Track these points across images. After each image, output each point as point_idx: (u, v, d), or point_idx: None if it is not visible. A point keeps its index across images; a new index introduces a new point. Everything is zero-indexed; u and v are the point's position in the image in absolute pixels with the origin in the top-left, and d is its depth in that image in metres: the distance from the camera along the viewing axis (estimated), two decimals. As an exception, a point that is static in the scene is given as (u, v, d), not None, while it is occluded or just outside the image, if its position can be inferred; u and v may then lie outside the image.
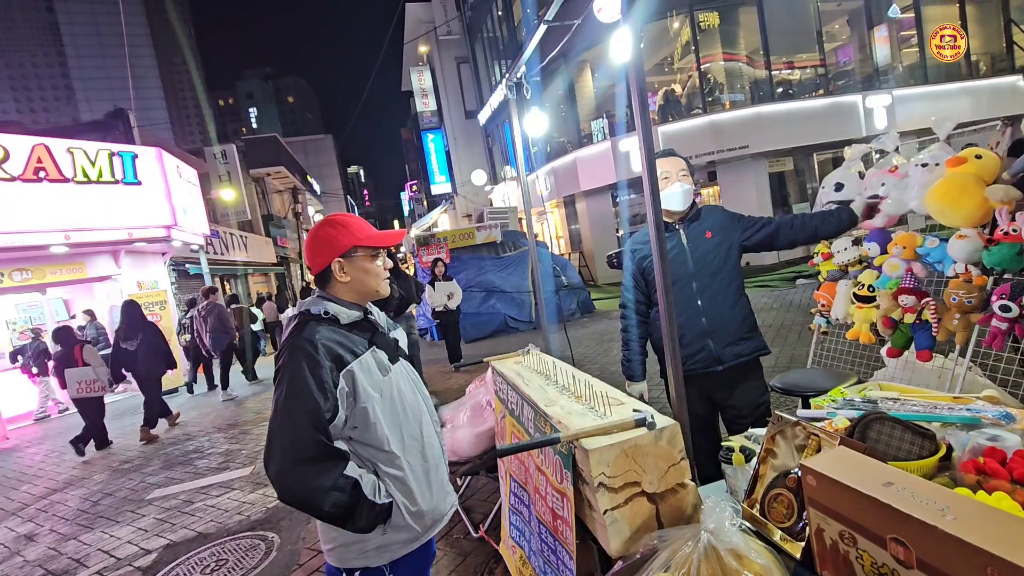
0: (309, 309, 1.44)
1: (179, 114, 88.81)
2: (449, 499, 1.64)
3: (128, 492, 4.80)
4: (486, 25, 19.78)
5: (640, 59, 1.46)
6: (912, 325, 2.33)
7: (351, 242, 1.48)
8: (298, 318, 1.45)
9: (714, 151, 12.68)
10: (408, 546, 1.48)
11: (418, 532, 1.48)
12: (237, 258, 16.28)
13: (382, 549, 1.44)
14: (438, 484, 1.57)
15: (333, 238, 1.48)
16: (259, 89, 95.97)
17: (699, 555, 1.01)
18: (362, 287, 1.51)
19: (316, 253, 1.49)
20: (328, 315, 1.43)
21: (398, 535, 1.45)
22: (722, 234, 2.26)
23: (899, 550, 0.80)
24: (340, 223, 1.51)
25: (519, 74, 3.03)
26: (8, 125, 13.99)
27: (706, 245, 2.26)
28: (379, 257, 1.54)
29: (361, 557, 1.44)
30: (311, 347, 1.34)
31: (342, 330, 1.43)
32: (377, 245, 1.52)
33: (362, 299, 1.53)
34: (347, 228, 1.49)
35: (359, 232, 1.49)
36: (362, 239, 1.49)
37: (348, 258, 1.48)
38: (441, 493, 1.59)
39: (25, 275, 8.85)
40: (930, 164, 2.25)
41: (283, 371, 1.35)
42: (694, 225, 2.30)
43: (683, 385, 1.47)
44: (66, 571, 3.48)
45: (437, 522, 1.57)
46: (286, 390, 1.32)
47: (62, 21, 79.75)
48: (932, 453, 1.09)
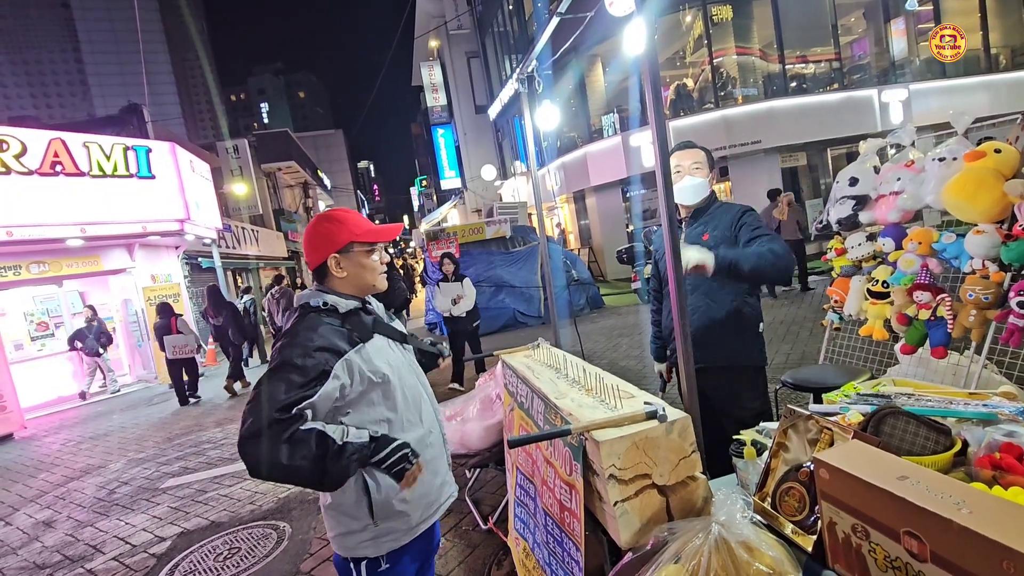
0: (308, 302, 1.46)
1: (192, 109, 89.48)
2: (447, 489, 1.64)
3: (143, 481, 4.89)
4: (496, 19, 19.71)
5: (654, 53, 1.45)
6: (927, 322, 2.30)
7: (348, 238, 1.48)
8: (298, 311, 1.46)
9: (726, 146, 12.55)
10: (404, 536, 1.49)
11: (411, 522, 1.49)
12: (249, 252, 16.42)
13: (378, 539, 1.46)
14: (435, 473, 1.58)
15: (330, 233, 1.48)
16: (270, 84, 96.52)
17: (710, 547, 1.01)
18: (359, 281, 1.52)
19: (313, 249, 1.49)
20: (327, 306, 1.45)
21: (391, 523, 1.46)
22: (720, 237, 2.18)
23: (913, 544, 0.79)
24: (337, 219, 1.51)
25: (530, 68, 3.02)
26: (25, 120, 14.19)
27: (701, 245, 2.22)
28: (376, 252, 1.54)
29: (359, 547, 1.46)
30: (305, 339, 1.36)
31: (341, 320, 1.45)
32: (373, 240, 1.52)
33: (359, 293, 1.54)
34: (344, 224, 1.49)
35: (356, 228, 1.49)
36: (359, 234, 1.49)
37: (345, 254, 1.49)
38: (438, 482, 1.59)
39: (43, 267, 9.00)
40: (947, 158, 2.22)
41: (273, 358, 1.38)
42: (696, 224, 2.27)
43: (694, 378, 1.46)
44: (83, 557, 3.55)
45: (433, 512, 1.57)
46: (267, 375, 1.34)
47: (77, 18, 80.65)
48: (947, 448, 1.08)
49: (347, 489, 1.43)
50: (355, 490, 1.43)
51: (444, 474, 1.64)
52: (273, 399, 1.28)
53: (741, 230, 2.13)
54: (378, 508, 1.43)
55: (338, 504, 1.46)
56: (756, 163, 13.02)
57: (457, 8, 21.28)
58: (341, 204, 43.63)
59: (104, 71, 79.41)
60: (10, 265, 8.65)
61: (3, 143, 7.76)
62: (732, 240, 2.15)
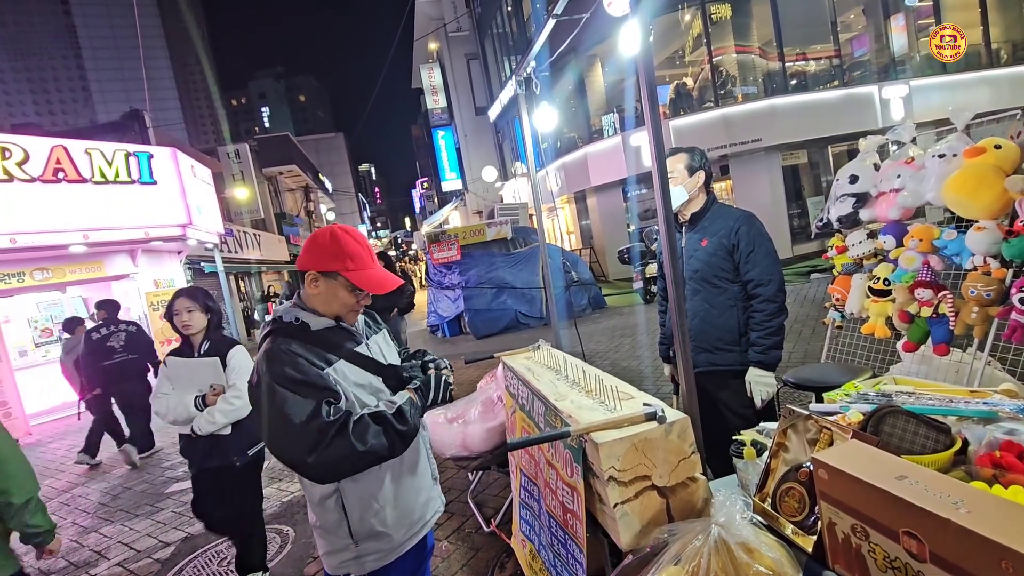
0: (281, 316, 1.45)
1: (193, 114, 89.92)
2: (432, 505, 1.64)
3: (146, 486, 4.90)
4: (495, 21, 19.72)
5: (650, 54, 1.45)
6: (929, 319, 2.29)
7: (338, 267, 1.44)
8: (270, 325, 1.45)
9: (726, 144, 12.53)
10: (389, 555, 1.49)
11: (394, 542, 1.49)
12: (251, 256, 16.46)
13: (360, 559, 1.46)
14: (417, 491, 1.57)
15: (326, 252, 1.45)
16: (271, 89, 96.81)
17: (709, 548, 1.01)
18: (327, 307, 1.48)
19: (307, 252, 1.47)
20: (298, 322, 1.43)
21: (372, 544, 1.46)
22: (718, 245, 2.22)
23: (912, 544, 0.79)
24: (342, 244, 1.45)
25: (528, 69, 3.02)
26: (28, 127, 14.26)
27: (700, 253, 2.25)
28: (358, 294, 1.48)
29: (342, 566, 1.47)
30: (285, 354, 1.35)
31: (311, 341, 1.42)
32: (358, 287, 1.46)
33: (328, 314, 1.49)
34: (343, 252, 1.44)
35: (352, 263, 1.45)
36: (350, 270, 1.44)
37: (327, 276, 1.45)
38: (423, 499, 1.59)
39: (46, 274, 9.04)
40: (947, 155, 2.21)
41: (260, 384, 1.34)
42: (695, 230, 2.28)
43: (693, 379, 1.46)
44: (88, 563, 3.56)
45: (418, 529, 1.57)
46: (268, 402, 1.30)
47: (79, 24, 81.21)
48: (947, 447, 1.08)
49: (328, 509, 1.44)
50: (335, 510, 1.44)
51: (428, 490, 1.63)
52: (298, 414, 1.27)
53: (739, 247, 2.20)
54: (356, 529, 1.44)
55: (322, 524, 1.48)
56: (757, 161, 13.00)
57: (456, 10, 21.31)
58: (343, 207, 43.65)
59: (105, 77, 79.91)
60: (14, 272, 8.69)
61: (6, 151, 7.79)
62: (730, 249, 2.18)
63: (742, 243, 2.18)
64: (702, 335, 2.23)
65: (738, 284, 2.23)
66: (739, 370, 2.21)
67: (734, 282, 2.23)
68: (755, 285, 2.17)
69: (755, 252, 2.16)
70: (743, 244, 2.18)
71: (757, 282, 2.16)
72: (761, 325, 2.15)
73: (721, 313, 2.22)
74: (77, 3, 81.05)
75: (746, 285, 2.21)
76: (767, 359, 2.13)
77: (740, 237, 2.19)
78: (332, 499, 1.43)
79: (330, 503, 1.44)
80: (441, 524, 3.20)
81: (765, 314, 2.15)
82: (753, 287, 2.18)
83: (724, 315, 2.22)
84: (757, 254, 2.16)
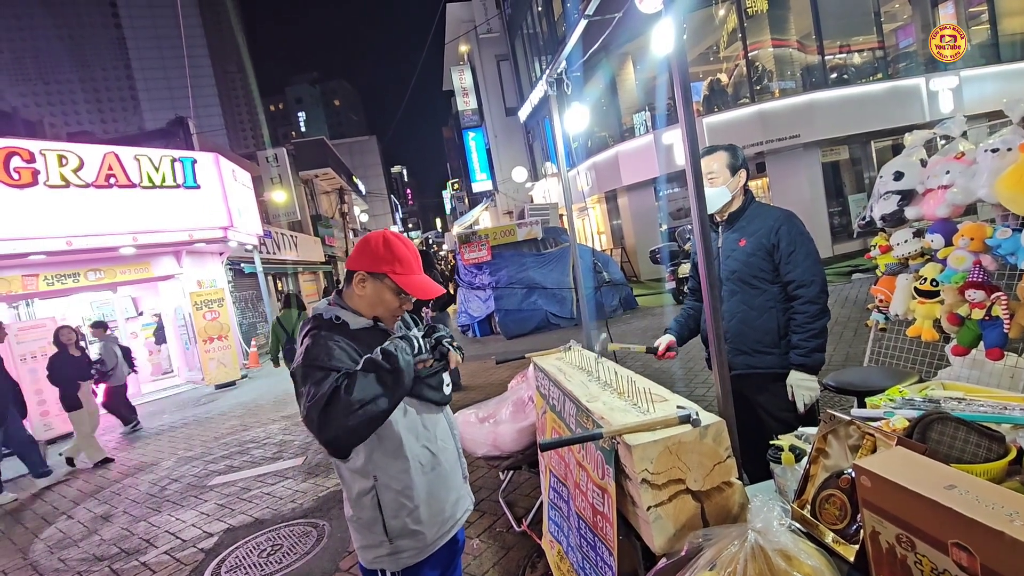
0: (321, 314, 1.51)
1: (233, 120, 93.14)
2: (463, 503, 1.66)
3: (192, 478, 5.10)
4: (526, 21, 19.74)
5: (683, 51, 1.44)
6: (981, 321, 2.19)
7: (387, 270, 1.50)
8: (311, 322, 1.50)
9: (763, 141, 12.20)
10: (422, 553, 1.52)
11: (427, 540, 1.52)
12: (288, 257, 16.95)
13: (394, 555, 1.50)
14: (448, 489, 1.59)
15: (377, 254, 1.51)
16: (307, 94, 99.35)
17: (746, 554, 0.99)
18: (371, 309, 1.53)
19: (359, 253, 1.54)
20: (339, 320, 1.48)
21: (406, 542, 1.49)
22: (757, 245, 2.16)
23: (962, 556, 0.76)
24: (393, 249, 1.51)
25: (559, 69, 3.02)
26: (82, 135, 15.04)
27: (738, 253, 2.20)
28: (401, 297, 1.54)
29: (377, 561, 1.51)
30: (325, 340, 1.40)
31: (350, 338, 1.46)
32: (405, 291, 1.53)
33: (369, 315, 1.54)
34: (392, 256, 1.51)
35: (400, 267, 1.51)
36: (398, 273, 1.51)
37: (375, 278, 1.51)
38: (453, 498, 1.61)
39: (98, 275, 9.53)
40: (1001, 149, 2.10)
41: (299, 362, 1.39)
42: (732, 230, 2.23)
43: (729, 382, 1.44)
44: (137, 550, 3.74)
45: (449, 528, 1.59)
46: (301, 387, 1.35)
47: (128, 36, 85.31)
48: (1000, 456, 1.03)
49: (365, 507, 1.48)
50: (371, 508, 1.47)
51: (459, 488, 1.66)
52: (319, 390, 1.30)
53: (779, 247, 2.14)
54: (391, 526, 1.48)
55: (358, 518, 1.51)
56: (795, 158, 12.61)
57: (487, 12, 21.43)
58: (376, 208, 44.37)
59: (153, 86, 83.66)
60: (70, 273, 9.19)
61: (63, 158, 8.25)
62: (770, 250, 2.13)
63: (783, 243, 2.12)
64: (740, 337, 2.18)
65: (777, 285, 2.17)
66: (778, 373, 2.15)
67: (773, 283, 2.18)
68: (797, 286, 2.11)
69: (796, 252, 2.10)
70: (784, 244, 2.12)
71: (799, 283, 2.10)
72: (803, 327, 2.09)
73: (760, 315, 2.16)
74: (127, 15, 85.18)
75: (787, 286, 2.15)
76: (810, 362, 2.07)
77: (780, 237, 2.13)
78: (368, 496, 1.47)
79: (366, 500, 1.47)
80: (472, 522, 3.23)
81: (807, 316, 2.09)
82: (795, 288, 2.12)
83: (763, 317, 2.16)
84: (798, 254, 2.10)
